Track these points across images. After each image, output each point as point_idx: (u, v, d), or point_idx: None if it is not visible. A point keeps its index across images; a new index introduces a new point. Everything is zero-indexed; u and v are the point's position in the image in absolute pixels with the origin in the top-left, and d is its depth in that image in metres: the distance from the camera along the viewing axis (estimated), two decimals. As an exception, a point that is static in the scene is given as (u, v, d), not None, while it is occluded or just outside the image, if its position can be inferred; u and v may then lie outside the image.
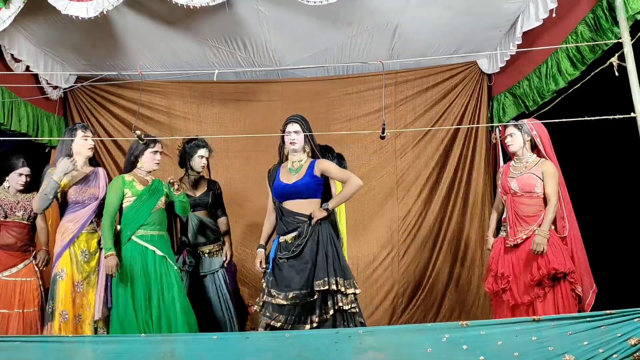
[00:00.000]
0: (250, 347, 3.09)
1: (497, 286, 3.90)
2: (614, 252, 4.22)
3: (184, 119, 5.82)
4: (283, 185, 3.69)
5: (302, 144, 3.73)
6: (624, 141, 3.56)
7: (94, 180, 4.03)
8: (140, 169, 4.05)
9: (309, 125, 3.79)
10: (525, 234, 3.82)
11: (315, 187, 3.68)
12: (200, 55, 5.17)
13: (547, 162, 3.87)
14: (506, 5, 4.36)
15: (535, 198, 3.85)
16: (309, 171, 3.68)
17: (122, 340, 3.30)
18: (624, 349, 2.77)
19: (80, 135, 4.03)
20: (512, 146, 3.97)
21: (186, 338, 3.44)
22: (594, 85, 3.68)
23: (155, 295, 3.81)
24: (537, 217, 3.81)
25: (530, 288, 3.77)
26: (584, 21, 3.84)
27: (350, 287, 3.55)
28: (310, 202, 3.66)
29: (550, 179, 3.81)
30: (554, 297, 3.73)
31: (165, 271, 3.88)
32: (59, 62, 5.19)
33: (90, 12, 3.75)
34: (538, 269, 3.72)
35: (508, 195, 3.95)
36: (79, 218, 3.93)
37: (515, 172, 3.96)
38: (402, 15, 4.59)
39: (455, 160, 5.60)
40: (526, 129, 3.93)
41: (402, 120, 5.69)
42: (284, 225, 3.66)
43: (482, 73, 5.60)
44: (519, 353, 2.82)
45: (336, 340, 3.06)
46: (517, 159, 3.99)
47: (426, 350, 2.91)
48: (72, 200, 3.96)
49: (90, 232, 3.98)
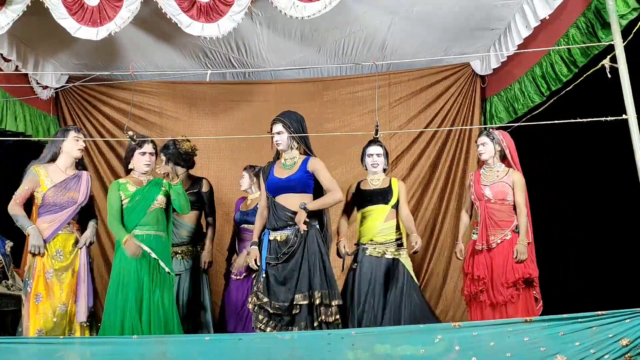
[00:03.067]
0: (242, 349, 3.08)
1: (475, 288, 4.02)
2: (606, 253, 4.25)
3: (175, 120, 5.81)
4: (277, 180, 3.76)
5: (288, 143, 3.78)
6: (616, 143, 3.58)
7: (76, 183, 3.96)
8: (133, 170, 4.02)
9: (298, 122, 3.81)
10: (499, 239, 3.98)
11: (307, 182, 3.74)
12: (193, 57, 5.16)
13: (516, 173, 4.08)
14: (500, 4, 4.37)
15: (506, 205, 4.04)
16: (302, 167, 3.75)
17: (114, 342, 3.28)
18: (616, 350, 2.79)
19: (72, 136, 4.00)
20: (483, 154, 4.15)
21: (178, 340, 3.42)
22: (586, 88, 3.69)
23: (147, 298, 3.77)
24: (510, 222, 4.01)
25: (503, 289, 3.90)
26: (575, 24, 3.85)
27: (334, 298, 3.57)
28: (302, 197, 3.70)
29: (520, 189, 4.02)
30: (525, 300, 3.90)
31: (158, 274, 3.85)
32: (50, 62, 5.16)
33: (100, 35, 3.94)
34: (514, 272, 3.88)
35: (482, 202, 4.09)
36: (55, 220, 3.85)
37: (487, 180, 4.13)
38: (395, 17, 4.60)
39: (449, 161, 5.62)
40: (497, 140, 4.11)
41: (396, 121, 5.70)
42: (275, 220, 3.72)
43: (476, 75, 5.61)
44: (511, 354, 2.84)
45: (329, 341, 3.05)
46: (487, 167, 4.16)
47: (419, 351, 2.91)
48: (50, 201, 3.85)
49: (68, 232, 3.90)
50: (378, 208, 4.17)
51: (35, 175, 3.84)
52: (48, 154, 3.95)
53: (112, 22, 3.88)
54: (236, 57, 5.16)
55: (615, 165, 3.97)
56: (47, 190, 3.84)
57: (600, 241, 4.25)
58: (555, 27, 4.10)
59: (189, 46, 4.96)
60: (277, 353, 3.01)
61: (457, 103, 5.64)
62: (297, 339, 3.17)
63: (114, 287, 3.75)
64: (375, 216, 4.16)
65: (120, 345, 3.16)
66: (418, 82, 5.72)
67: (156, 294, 3.80)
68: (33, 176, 3.85)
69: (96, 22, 3.89)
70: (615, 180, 4.10)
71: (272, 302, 3.55)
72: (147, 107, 5.79)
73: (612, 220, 4.24)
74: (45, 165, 3.90)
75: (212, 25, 3.92)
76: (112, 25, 3.89)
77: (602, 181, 4.34)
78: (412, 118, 5.71)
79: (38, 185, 3.84)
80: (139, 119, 5.73)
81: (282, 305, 3.53)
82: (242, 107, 5.80)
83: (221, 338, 3.31)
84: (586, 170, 4.39)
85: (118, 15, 3.87)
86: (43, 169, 3.88)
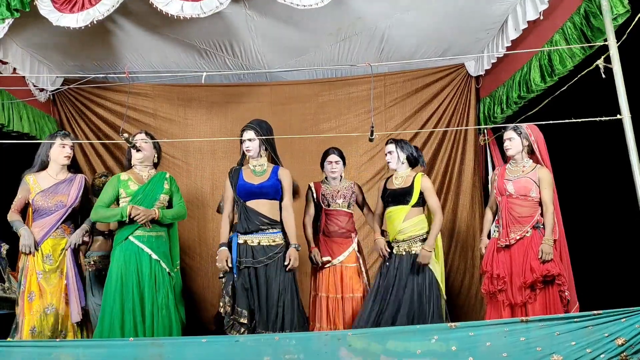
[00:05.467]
0: (238, 350, 3.08)
1: (494, 287, 3.91)
2: (601, 253, 4.26)
3: (170, 121, 5.80)
4: (250, 186, 3.84)
5: (257, 150, 3.89)
6: (610, 143, 3.60)
7: (67, 187, 4.01)
8: (135, 165, 4.00)
9: (269, 130, 3.89)
10: (518, 235, 3.86)
11: (278, 189, 3.87)
12: (188, 59, 5.16)
13: (543, 169, 3.93)
14: (494, 7, 4.39)
15: (529, 201, 3.89)
16: (273, 174, 3.88)
17: (110, 345, 3.26)
18: (612, 349, 2.81)
19: (58, 143, 4.00)
20: (510, 150, 4.01)
21: (175, 341, 3.40)
22: (581, 88, 3.71)
23: (149, 298, 3.77)
24: (531, 218, 3.86)
25: (523, 289, 3.80)
26: (568, 23, 3.84)
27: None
28: (274, 204, 3.85)
29: (547, 186, 3.87)
30: (544, 300, 3.77)
31: (159, 275, 3.85)
32: (45, 64, 5.14)
33: (80, 22, 3.83)
34: (532, 272, 3.76)
35: (503, 197, 3.99)
36: (45, 225, 3.94)
37: (511, 175, 4.00)
38: (389, 19, 4.60)
39: (445, 161, 5.62)
40: (525, 134, 3.97)
41: (391, 122, 5.70)
42: (246, 223, 3.79)
43: (470, 75, 5.63)
44: (508, 354, 2.85)
45: (325, 342, 3.06)
46: (514, 162, 4.03)
47: (416, 351, 2.92)
48: (39, 207, 3.95)
49: (58, 237, 3.96)
50: (397, 209, 4.17)
51: (26, 184, 3.99)
52: (36, 163, 4.06)
53: (94, 9, 3.80)
54: (231, 59, 5.15)
55: (610, 165, 3.99)
56: (35, 196, 3.95)
57: (594, 241, 4.26)
58: (547, 28, 4.11)
59: (184, 47, 4.95)
60: (273, 354, 3.01)
61: (453, 104, 5.65)
62: (293, 340, 3.16)
63: (112, 287, 3.73)
64: (395, 217, 4.17)
65: (117, 348, 3.15)
66: (413, 83, 5.73)
67: (160, 295, 3.81)
68: (24, 185, 4.00)
69: (75, 8, 3.81)
70: (609, 180, 4.11)
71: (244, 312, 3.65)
72: (142, 109, 5.78)
73: (607, 220, 4.25)
74: (36, 174, 4.03)
75: (194, 4, 3.75)
76: (94, 12, 3.81)
77: (597, 181, 4.35)
78: (408, 119, 5.72)
79: (29, 193, 3.98)
80: (133, 120, 5.72)
81: (242, 313, 3.65)
82: (238, 109, 5.79)
83: (217, 340, 3.29)
84: (581, 170, 4.41)
85: (101, 1, 3.79)
86: (33, 176, 4.01)
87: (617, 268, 4.15)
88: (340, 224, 4.46)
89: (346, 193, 4.51)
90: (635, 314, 2.87)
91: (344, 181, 4.60)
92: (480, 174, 5.55)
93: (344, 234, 4.46)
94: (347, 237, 4.46)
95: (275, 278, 3.70)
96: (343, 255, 4.40)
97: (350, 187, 4.57)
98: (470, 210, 5.54)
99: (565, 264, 3.90)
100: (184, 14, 3.76)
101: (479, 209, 5.49)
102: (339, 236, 4.45)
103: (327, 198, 4.50)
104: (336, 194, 4.50)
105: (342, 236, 4.45)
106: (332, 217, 4.48)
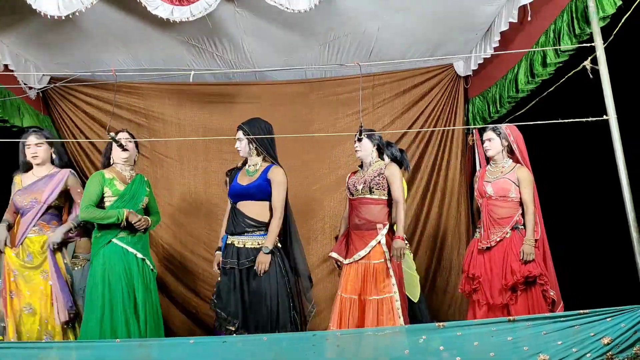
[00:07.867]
0: (227, 351, 3.07)
1: (469, 287, 3.97)
2: (587, 252, 4.29)
3: (162, 121, 5.76)
4: (238, 187, 3.83)
5: (247, 150, 3.84)
6: (597, 143, 3.62)
7: (44, 184, 3.95)
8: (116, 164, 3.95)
9: (261, 129, 3.82)
10: (498, 237, 3.88)
11: (267, 190, 3.77)
12: (177, 57, 5.12)
13: (523, 169, 3.94)
14: (482, 8, 4.40)
15: (509, 202, 3.91)
16: (263, 175, 3.80)
17: (97, 346, 3.23)
18: (597, 348, 2.83)
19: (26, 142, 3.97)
20: (490, 151, 4.03)
21: (162, 343, 3.40)
22: (568, 89, 3.73)
23: (141, 297, 3.75)
24: (510, 219, 3.88)
25: (504, 291, 3.81)
26: (554, 24, 3.86)
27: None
28: (262, 205, 3.77)
29: (526, 185, 3.88)
30: (526, 301, 3.79)
31: (147, 273, 3.86)
32: (31, 62, 5.09)
33: (62, 10, 3.63)
34: (512, 274, 3.78)
35: (484, 199, 4.01)
36: (24, 223, 3.92)
37: (491, 176, 4.02)
38: (379, 21, 4.60)
39: (431, 161, 5.64)
40: (504, 135, 3.98)
41: (380, 122, 5.71)
42: (233, 225, 3.78)
43: (459, 76, 5.65)
44: (495, 353, 2.86)
45: (314, 342, 3.05)
46: (494, 163, 4.05)
47: (403, 351, 2.92)
48: (17, 205, 3.97)
49: (35, 235, 3.92)
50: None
51: (14, 184, 4.01)
52: (20, 164, 4.05)
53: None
54: (221, 57, 5.12)
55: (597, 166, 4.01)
56: (14, 195, 3.97)
57: (581, 241, 4.29)
58: (534, 30, 4.13)
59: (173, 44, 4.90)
60: (262, 354, 3.01)
61: (441, 104, 5.67)
62: (282, 341, 3.16)
63: (98, 291, 3.69)
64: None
65: (104, 349, 3.12)
66: (402, 84, 5.73)
67: (152, 293, 3.82)
68: (13, 185, 4.02)
69: None
70: (596, 181, 4.14)
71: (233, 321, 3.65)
72: (133, 108, 5.73)
73: (593, 221, 4.28)
74: (23, 173, 4.03)
75: (183, 8, 3.72)
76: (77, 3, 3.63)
77: (583, 181, 4.37)
78: (396, 119, 5.72)
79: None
80: (125, 120, 5.67)
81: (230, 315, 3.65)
82: (228, 109, 5.75)
83: (205, 341, 3.29)
84: (568, 170, 4.43)
85: None
86: (20, 176, 4.03)
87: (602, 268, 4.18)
88: (361, 214, 3.95)
89: (368, 177, 3.97)
90: (621, 313, 2.89)
91: (376, 164, 4.04)
92: (468, 174, 5.57)
93: (364, 225, 3.92)
94: (368, 229, 3.90)
95: (264, 280, 3.66)
96: (364, 251, 3.87)
97: (379, 170, 3.98)
98: (456, 210, 5.57)
99: (549, 264, 3.92)
100: (174, 18, 3.76)
101: (464, 208, 5.52)
102: (358, 228, 3.94)
103: (350, 186, 4.08)
104: (360, 179, 4.03)
105: (362, 228, 3.92)
106: (354, 208, 4.00)
